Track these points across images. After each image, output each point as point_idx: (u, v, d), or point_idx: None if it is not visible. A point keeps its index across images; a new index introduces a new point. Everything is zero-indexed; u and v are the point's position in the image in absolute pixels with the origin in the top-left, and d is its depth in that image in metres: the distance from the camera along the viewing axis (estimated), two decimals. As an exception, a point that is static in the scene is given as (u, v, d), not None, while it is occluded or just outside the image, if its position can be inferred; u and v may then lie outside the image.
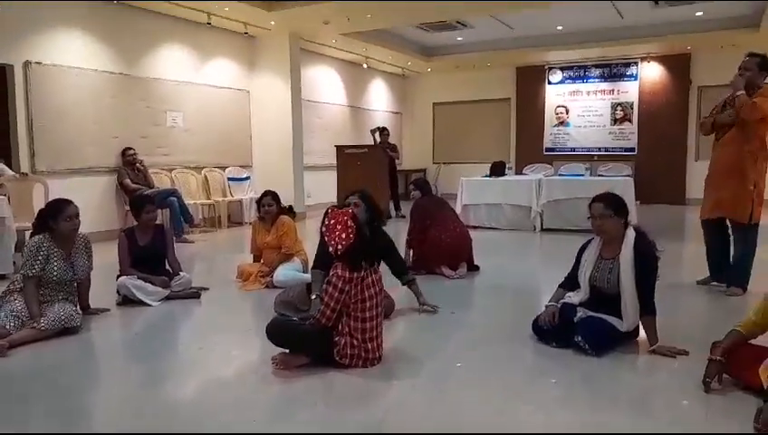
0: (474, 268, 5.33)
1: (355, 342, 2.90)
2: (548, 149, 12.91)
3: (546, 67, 12.78)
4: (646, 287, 3.10)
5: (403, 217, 9.63)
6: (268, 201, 4.98)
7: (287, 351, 2.95)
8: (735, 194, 4.25)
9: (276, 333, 2.90)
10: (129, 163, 7.59)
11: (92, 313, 4.00)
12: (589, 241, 3.37)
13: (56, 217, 3.69)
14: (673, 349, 3.08)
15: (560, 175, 9.04)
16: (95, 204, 7.37)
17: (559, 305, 3.34)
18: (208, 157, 9.09)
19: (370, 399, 2.65)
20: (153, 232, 4.53)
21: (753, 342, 2.70)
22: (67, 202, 3.77)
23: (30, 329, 3.39)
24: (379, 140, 10.20)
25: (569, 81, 12.67)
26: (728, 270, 4.46)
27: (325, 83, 11.69)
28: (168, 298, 4.36)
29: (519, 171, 10.17)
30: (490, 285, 5.01)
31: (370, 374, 2.86)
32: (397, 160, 10.37)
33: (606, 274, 3.22)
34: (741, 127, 4.21)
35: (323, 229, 2.96)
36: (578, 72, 12.54)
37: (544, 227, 8.01)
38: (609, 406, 2.55)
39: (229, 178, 9.34)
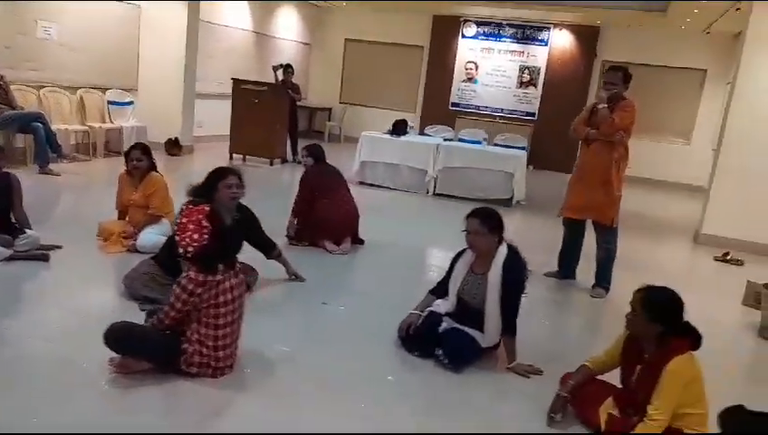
0: (358, 242, 5.21)
1: (204, 350, 2.69)
2: (453, 104, 12.85)
3: (462, 19, 12.52)
4: (509, 308, 3.11)
5: (299, 162, 9.31)
6: (137, 155, 4.51)
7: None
8: (603, 199, 4.46)
9: (115, 339, 2.61)
10: (-14, 76, 6.66)
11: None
12: (464, 250, 3.31)
13: None
14: (529, 368, 3.15)
15: (460, 139, 9.02)
16: (-59, 120, 6.46)
17: (423, 314, 3.30)
18: (86, 76, 8.17)
19: (209, 414, 2.50)
20: (-4, 181, 3.99)
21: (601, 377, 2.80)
22: None
23: None
24: (281, 78, 9.64)
25: (482, 36, 12.52)
26: (597, 272, 4.65)
27: (228, 5, 10.77)
28: (11, 258, 3.89)
29: (422, 130, 10.03)
30: (372, 263, 4.92)
31: (217, 384, 2.69)
32: (298, 102, 9.88)
33: (474, 288, 3.19)
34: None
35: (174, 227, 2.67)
36: (493, 29, 12.40)
37: (437, 192, 8.03)
38: (450, 421, 2.56)
39: (109, 102, 8.49)
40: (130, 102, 8.83)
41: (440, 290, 3.38)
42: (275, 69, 9.62)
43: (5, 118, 6.62)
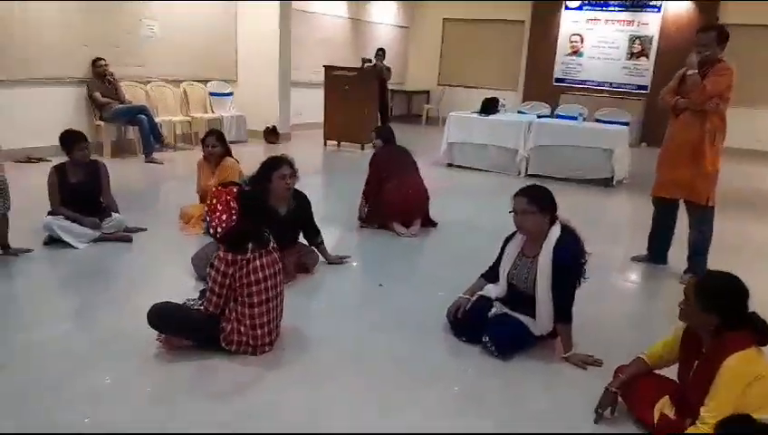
0: (430, 224, 5.11)
1: (242, 328, 2.76)
2: (558, 80, 12.22)
3: (564, -10, 11.84)
4: (562, 294, 2.88)
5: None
6: (212, 141, 4.71)
7: (172, 332, 2.82)
8: (695, 176, 4.01)
9: (157, 319, 2.74)
10: (99, 75, 7.27)
11: (12, 253, 3.89)
12: (515, 232, 3.11)
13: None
14: (587, 359, 2.91)
15: (557, 116, 8.53)
16: (63, 117, 7.09)
17: (473, 299, 3.15)
18: (188, 70, 8.69)
19: (246, 392, 2.54)
20: (87, 168, 4.33)
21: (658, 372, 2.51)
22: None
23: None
24: (374, 61, 9.66)
25: (587, 7, 11.75)
26: (689, 256, 4.21)
27: (324, -7, 10.95)
28: (99, 240, 4.23)
29: (519, 108, 9.62)
30: (441, 246, 4.80)
31: (255, 363, 2.74)
32: (388, 83, 9.84)
33: (524, 272, 2.99)
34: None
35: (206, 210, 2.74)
36: (598, -3, 11.60)
37: (529, 173, 7.66)
38: (482, 415, 2.42)
39: (211, 93, 8.98)
40: (230, 93, 9.27)
41: (491, 274, 3.21)
42: (364, 62, 9.65)
43: (115, 112, 7.20)
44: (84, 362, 2.68)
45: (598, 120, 8.10)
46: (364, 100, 8.94)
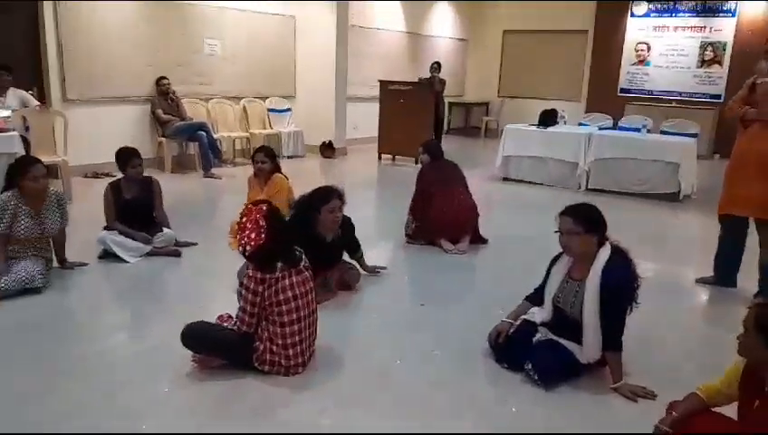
0: (480, 241, 4.96)
1: (274, 348, 2.72)
2: (623, 90, 11.76)
3: (630, -2, 11.40)
4: (610, 320, 2.69)
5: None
6: (261, 157, 4.75)
7: (206, 351, 2.82)
8: (764, 190, 3.72)
9: (191, 340, 2.74)
10: (162, 93, 7.55)
11: (69, 267, 4.04)
12: (561, 253, 2.94)
13: (21, 176, 3.66)
14: (639, 390, 2.71)
15: (619, 128, 8.17)
16: (128, 133, 7.41)
17: (516, 323, 3.00)
18: (248, 87, 8.90)
19: (273, 413, 2.49)
20: (141, 185, 4.46)
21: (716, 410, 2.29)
22: (33, 162, 3.72)
23: (-14, 288, 3.46)
24: (429, 75, 9.60)
25: (654, 14, 11.27)
26: (760, 279, 3.89)
27: (381, 8, 10.99)
28: (150, 254, 4.34)
29: (579, 120, 9.28)
30: (490, 264, 4.65)
31: (287, 384, 2.69)
32: (442, 94, 9.74)
33: (570, 296, 2.81)
34: None
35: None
36: (666, 4, 11.10)
37: (590, 187, 7.37)
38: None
39: (269, 110, 9.16)
40: (288, 109, 9.43)
41: (536, 297, 3.05)
42: (421, 81, 9.59)
43: (176, 128, 7.45)
44: (124, 377, 2.72)
45: (663, 132, 7.69)
46: (419, 113, 8.88)
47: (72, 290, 3.75)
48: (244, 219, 2.69)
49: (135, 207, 4.40)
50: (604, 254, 2.73)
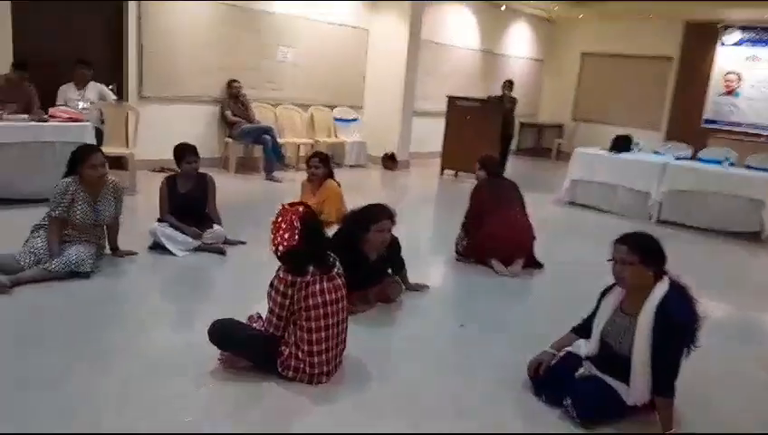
0: (534, 265, 4.73)
1: (300, 354, 2.64)
2: (708, 121, 11.12)
3: (721, 26, 10.78)
4: (663, 362, 2.44)
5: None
6: (315, 163, 4.75)
7: (233, 350, 2.77)
8: None
9: (217, 336, 2.70)
10: (232, 95, 7.73)
11: (119, 255, 4.13)
12: (614, 284, 2.71)
13: (82, 163, 3.77)
14: (691, 442, 2.45)
15: (699, 159, 7.68)
16: (197, 133, 7.62)
17: (559, 354, 2.79)
18: (317, 95, 8.98)
19: (287, 422, 2.40)
20: (195, 180, 4.53)
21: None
22: (93, 150, 3.83)
23: (40, 269, 3.56)
24: (500, 93, 9.41)
25: (747, 43, 10.63)
26: None
27: (455, 24, 10.89)
28: (197, 249, 4.38)
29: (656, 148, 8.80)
30: (541, 291, 4.41)
31: (308, 393, 2.59)
32: (513, 114, 9.50)
33: (620, 331, 2.58)
34: None
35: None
36: (760, 34, 10.43)
37: (661, 219, 6.95)
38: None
39: (336, 119, 9.22)
40: (355, 119, 9.46)
41: (583, 329, 2.83)
42: (490, 99, 9.41)
43: (242, 130, 7.60)
44: (146, 369, 2.70)
45: (749, 167, 7.15)
46: (485, 131, 8.68)
47: (117, 278, 3.82)
48: (279, 219, 2.64)
49: (188, 202, 4.47)
50: (661, 288, 2.49)
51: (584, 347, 2.75)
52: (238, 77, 7.80)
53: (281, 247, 2.60)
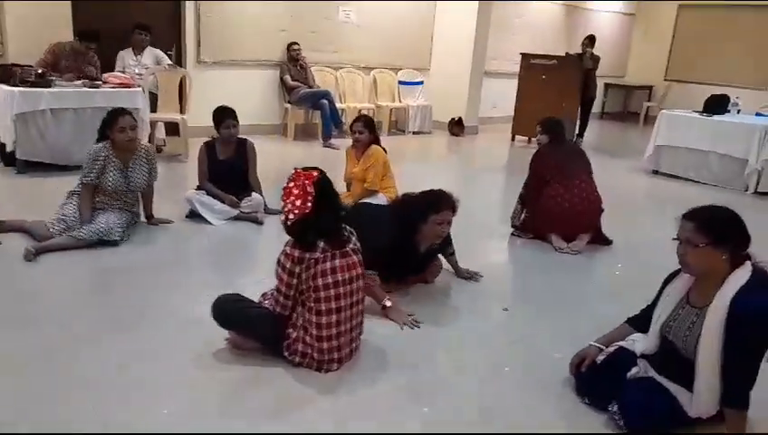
0: (602, 241, 4.21)
1: (308, 338, 2.37)
2: (825, 78, 9.75)
3: None
4: (736, 367, 1.97)
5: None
6: (359, 128, 4.41)
7: (239, 330, 2.54)
8: None
9: (221, 314, 2.48)
10: (292, 59, 7.50)
11: (154, 223, 4.02)
12: (679, 270, 2.24)
13: (111, 127, 3.66)
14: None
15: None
16: (256, 97, 7.53)
17: (608, 349, 2.36)
18: (380, 57, 8.58)
19: (286, 414, 2.14)
20: (236, 147, 4.34)
21: None
22: (122, 112, 3.70)
23: (68, 236, 3.49)
24: (580, 51, 8.63)
25: None
26: None
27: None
28: (236, 218, 4.21)
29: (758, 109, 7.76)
30: (605, 273, 3.89)
31: (314, 382, 2.33)
32: (595, 72, 8.69)
33: (685, 327, 2.12)
34: None
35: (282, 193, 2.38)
36: None
37: (760, 190, 6.12)
38: None
39: (400, 82, 8.81)
40: (420, 82, 9.01)
41: (641, 321, 2.37)
42: (569, 56, 8.62)
43: (301, 95, 7.38)
44: (152, 344, 2.54)
45: None
46: (563, 91, 8.02)
47: (148, 246, 3.70)
48: (290, 184, 2.35)
49: (228, 169, 4.29)
50: (740, 277, 2.00)
51: (640, 343, 2.31)
52: (298, 39, 7.55)
53: (291, 216, 2.31)
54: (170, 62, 6.42)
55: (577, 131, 8.61)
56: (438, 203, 2.99)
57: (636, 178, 6.77)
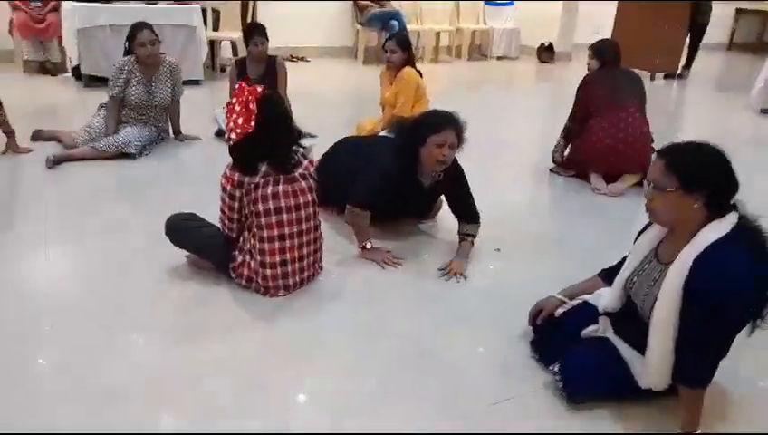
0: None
1: (252, 263, 2.30)
2: None
3: None
4: (688, 338, 1.64)
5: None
6: (391, 46, 4.14)
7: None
8: None
9: (172, 232, 2.45)
10: (367, -24, 7.20)
11: (181, 139, 4.10)
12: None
13: (131, 41, 3.69)
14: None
15: None
16: (328, 18, 7.36)
17: (570, 303, 2.08)
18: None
19: (218, 336, 2.11)
20: (266, 64, 4.26)
21: None
22: (141, 27, 3.70)
23: (90, 147, 3.64)
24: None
25: None
26: None
27: None
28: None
29: None
30: (639, 218, 3.42)
31: (255, 308, 2.27)
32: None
33: (646, 284, 1.79)
34: None
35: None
36: None
37: None
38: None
39: (487, 2, 8.20)
40: (511, 3, 8.33)
41: (615, 274, 2.05)
42: None
43: (370, 16, 7.09)
44: (121, 259, 2.60)
45: None
46: (669, 16, 7.06)
47: (162, 161, 3.78)
48: (233, 101, 2.23)
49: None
50: (714, 229, 1.63)
51: (605, 298, 2.00)
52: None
53: (232, 135, 2.21)
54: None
55: (683, 62, 7.61)
56: (438, 122, 2.58)
57: (737, 117, 5.90)
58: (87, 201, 3.14)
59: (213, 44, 6.12)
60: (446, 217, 2.99)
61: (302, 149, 2.36)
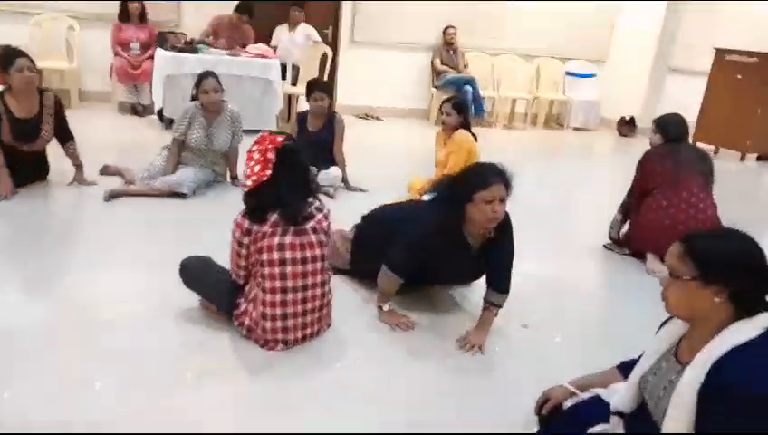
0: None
1: (254, 314, 2.25)
2: None
3: None
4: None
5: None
6: (447, 109, 4.12)
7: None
8: None
9: (184, 274, 2.46)
10: (447, 43, 7.32)
11: (236, 184, 4.20)
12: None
13: (197, 88, 3.90)
14: None
15: None
16: (406, 81, 7.48)
17: (581, 396, 1.86)
18: (545, 44, 7.91)
19: (205, 385, 2.06)
20: (326, 119, 4.35)
21: None
22: (207, 75, 3.92)
23: (145, 184, 3.80)
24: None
25: None
26: None
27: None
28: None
29: None
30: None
31: (251, 358, 2.21)
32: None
33: (662, 385, 1.57)
34: None
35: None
36: None
37: None
38: None
39: (567, 73, 8.07)
40: (592, 75, 8.16)
41: (632, 367, 1.82)
42: None
43: (446, 80, 7.16)
44: (136, 296, 2.64)
45: None
46: (761, 95, 6.65)
47: (211, 203, 3.87)
48: (254, 148, 2.25)
49: (316, 142, 4.30)
50: (739, 331, 1.42)
51: (618, 396, 1.77)
52: (456, 23, 7.30)
53: (248, 182, 2.22)
54: (318, 39, 6.64)
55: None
56: (485, 176, 2.33)
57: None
58: (126, 235, 3.25)
59: (290, 98, 6.35)
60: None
61: (316, 203, 2.32)
